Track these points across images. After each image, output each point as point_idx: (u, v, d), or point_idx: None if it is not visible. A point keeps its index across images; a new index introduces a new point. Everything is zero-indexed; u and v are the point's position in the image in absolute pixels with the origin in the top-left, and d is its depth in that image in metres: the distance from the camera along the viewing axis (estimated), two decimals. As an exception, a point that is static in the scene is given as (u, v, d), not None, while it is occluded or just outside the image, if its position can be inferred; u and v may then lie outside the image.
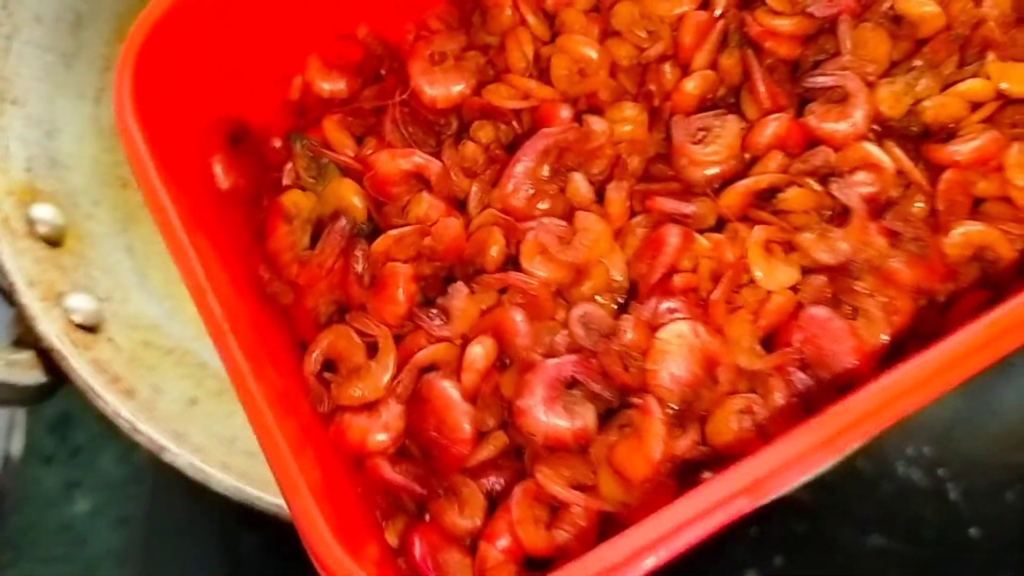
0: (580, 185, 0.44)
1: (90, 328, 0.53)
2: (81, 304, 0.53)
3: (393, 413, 0.41)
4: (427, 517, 0.40)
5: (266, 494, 0.47)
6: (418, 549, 0.39)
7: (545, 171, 0.44)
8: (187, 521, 0.71)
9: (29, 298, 0.50)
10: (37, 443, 0.77)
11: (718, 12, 0.46)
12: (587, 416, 0.39)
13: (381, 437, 0.40)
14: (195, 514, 0.71)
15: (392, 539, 0.40)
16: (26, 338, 0.51)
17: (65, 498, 0.75)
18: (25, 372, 0.49)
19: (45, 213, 0.55)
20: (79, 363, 0.49)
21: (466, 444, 0.40)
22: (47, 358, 0.50)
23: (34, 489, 0.75)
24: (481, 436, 0.41)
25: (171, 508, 0.72)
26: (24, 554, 0.73)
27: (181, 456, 0.48)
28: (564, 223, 0.43)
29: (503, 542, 0.38)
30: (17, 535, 0.74)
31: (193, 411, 0.55)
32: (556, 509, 0.39)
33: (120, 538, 0.73)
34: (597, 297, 0.43)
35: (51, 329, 0.50)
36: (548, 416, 0.39)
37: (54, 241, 0.55)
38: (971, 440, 0.73)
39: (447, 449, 0.40)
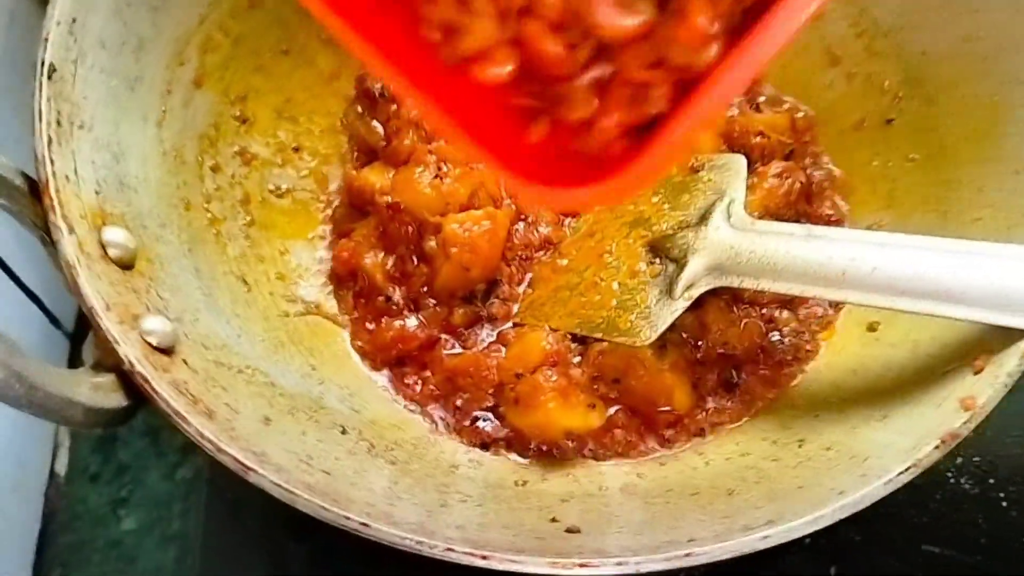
0: None
1: (165, 350, 0.53)
2: (156, 326, 0.53)
3: None
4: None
5: (352, 514, 0.48)
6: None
7: None
8: (235, 537, 0.73)
9: (108, 322, 0.51)
10: (82, 462, 0.78)
11: None
12: None
13: None
14: (243, 530, 0.73)
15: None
16: (105, 361, 0.51)
17: (112, 516, 0.76)
18: (108, 395, 0.50)
19: (117, 236, 0.55)
20: (160, 385, 0.50)
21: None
22: (127, 381, 0.51)
23: (81, 507, 0.77)
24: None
25: (218, 525, 0.73)
26: (74, 572, 0.74)
27: (266, 477, 0.48)
28: None
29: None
30: (67, 553, 0.75)
31: (268, 430, 0.55)
32: None
33: (168, 555, 0.74)
34: None
35: (131, 352, 0.50)
36: None
37: (126, 264, 0.56)
38: (1020, 447, 0.74)
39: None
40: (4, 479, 0.71)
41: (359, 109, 0.75)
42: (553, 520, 0.55)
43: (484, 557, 0.47)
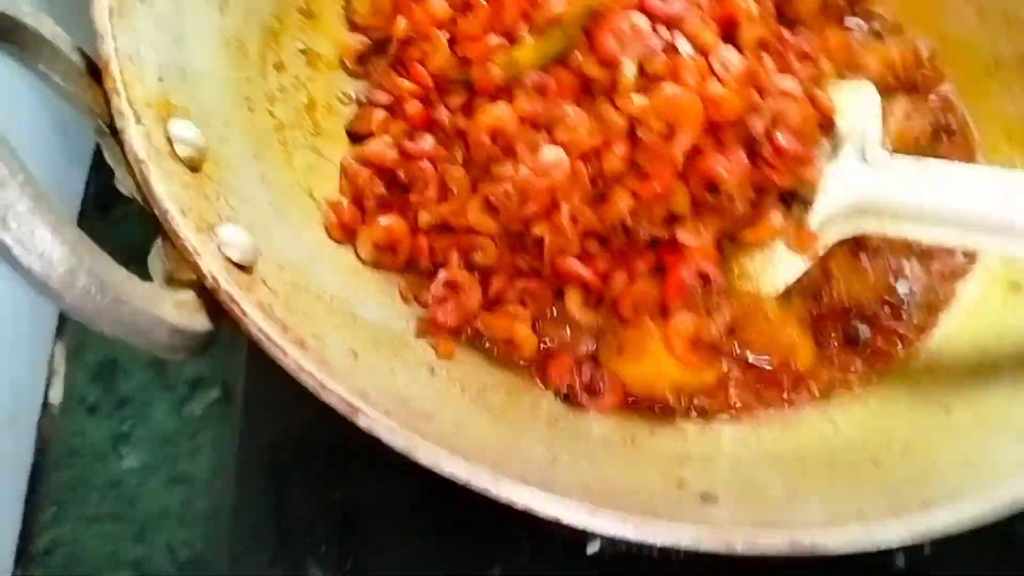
0: None
1: (244, 267, 0.45)
2: (235, 237, 0.45)
3: None
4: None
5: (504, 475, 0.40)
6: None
7: None
8: (245, 480, 0.66)
9: (186, 229, 0.42)
10: (79, 391, 0.73)
11: None
12: None
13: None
14: (253, 473, 0.66)
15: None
16: (179, 276, 0.43)
17: (113, 453, 0.71)
18: (193, 316, 0.41)
19: (186, 130, 0.47)
20: (249, 307, 0.42)
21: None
22: (208, 300, 0.42)
23: (78, 442, 0.71)
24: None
25: (229, 467, 0.67)
26: (69, 512, 0.69)
27: (379, 420, 0.40)
28: None
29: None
30: (61, 491, 0.70)
31: (357, 366, 0.47)
32: None
33: (173, 497, 0.69)
34: None
35: (214, 266, 0.42)
36: None
37: (194, 166, 0.47)
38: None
39: None
40: (-8, 407, 0.65)
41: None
42: (681, 485, 0.48)
43: (636, 527, 0.40)
